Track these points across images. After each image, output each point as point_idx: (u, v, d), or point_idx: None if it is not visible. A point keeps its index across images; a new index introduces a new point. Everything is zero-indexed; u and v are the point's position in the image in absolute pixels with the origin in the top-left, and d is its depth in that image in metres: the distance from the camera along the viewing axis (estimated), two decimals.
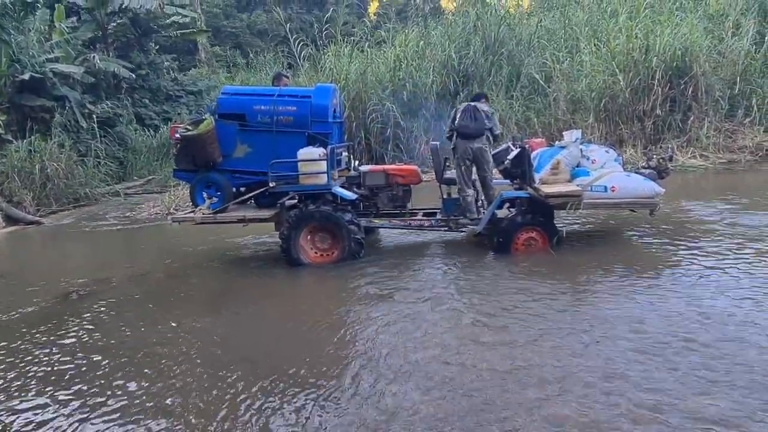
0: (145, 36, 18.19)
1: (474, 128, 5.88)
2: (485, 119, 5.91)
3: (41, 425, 3.13)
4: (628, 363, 3.20)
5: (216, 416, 3.07)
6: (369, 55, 14.11)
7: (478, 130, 5.89)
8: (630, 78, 10.94)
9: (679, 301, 4.07)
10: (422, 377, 3.27)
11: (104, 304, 5.24)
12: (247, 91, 6.92)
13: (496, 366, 3.31)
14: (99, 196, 13.02)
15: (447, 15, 21.03)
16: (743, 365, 3.08)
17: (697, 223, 6.30)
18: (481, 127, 5.92)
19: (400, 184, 6.45)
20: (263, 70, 21.13)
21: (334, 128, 6.19)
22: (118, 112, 16.11)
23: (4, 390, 3.57)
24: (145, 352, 4.02)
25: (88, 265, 7.16)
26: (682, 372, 3.06)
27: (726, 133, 10.82)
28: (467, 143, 5.90)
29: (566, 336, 3.65)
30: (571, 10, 15.22)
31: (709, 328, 3.59)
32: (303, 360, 3.65)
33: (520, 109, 12.20)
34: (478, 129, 5.90)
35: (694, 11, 13.29)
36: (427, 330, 3.97)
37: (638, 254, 5.60)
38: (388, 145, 12.64)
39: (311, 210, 5.74)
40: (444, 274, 5.40)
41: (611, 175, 5.60)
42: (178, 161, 6.21)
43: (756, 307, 3.84)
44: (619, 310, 4.03)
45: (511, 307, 4.26)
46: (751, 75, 11.23)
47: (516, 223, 5.64)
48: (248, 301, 5.16)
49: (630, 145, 10.79)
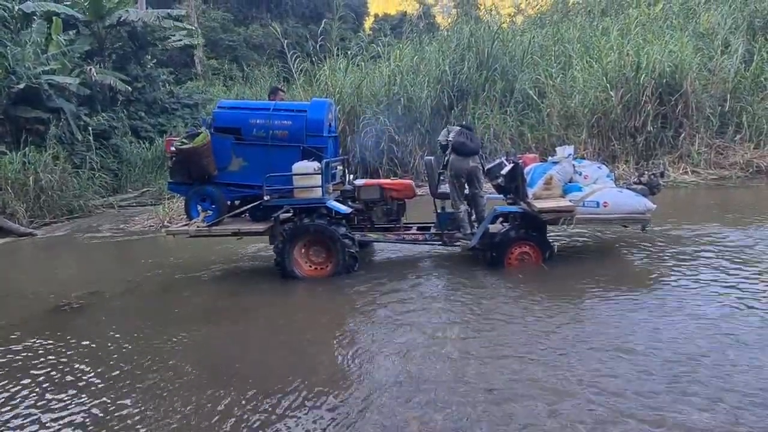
0: (142, 49, 18.27)
1: (471, 147, 5.93)
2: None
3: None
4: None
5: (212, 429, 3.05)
6: (364, 70, 14.24)
7: (474, 148, 5.95)
8: (622, 94, 11.09)
9: (661, 315, 4.12)
10: (415, 389, 3.27)
11: (97, 318, 5.22)
12: (243, 105, 6.98)
13: (493, 376, 3.33)
14: (93, 208, 12.98)
15: (441, 31, 21.31)
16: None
17: (687, 239, 6.36)
18: (478, 146, 6.01)
19: (395, 198, 6.49)
20: (259, 83, 21.30)
21: (329, 142, 6.23)
22: (114, 125, 16.12)
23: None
24: (138, 366, 4.00)
25: (81, 278, 7.12)
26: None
27: (717, 149, 10.97)
28: (462, 161, 5.91)
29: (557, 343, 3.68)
30: (563, 28, 15.46)
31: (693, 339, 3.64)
32: (297, 373, 3.65)
33: (514, 124, 12.30)
34: (474, 148, 5.96)
35: (684, 29, 13.54)
36: (421, 342, 3.98)
37: (628, 269, 5.65)
38: (383, 159, 12.71)
39: (306, 223, 5.76)
40: (438, 287, 5.43)
41: (603, 190, 5.67)
42: (173, 174, 6.23)
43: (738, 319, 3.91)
44: (607, 322, 4.07)
45: (505, 320, 4.28)
46: (741, 93, 11.41)
47: (509, 237, 5.68)
48: (242, 314, 5.15)
49: (623, 160, 10.91)
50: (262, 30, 33.23)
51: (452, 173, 5.98)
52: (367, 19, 41.48)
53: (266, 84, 20.58)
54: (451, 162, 5.96)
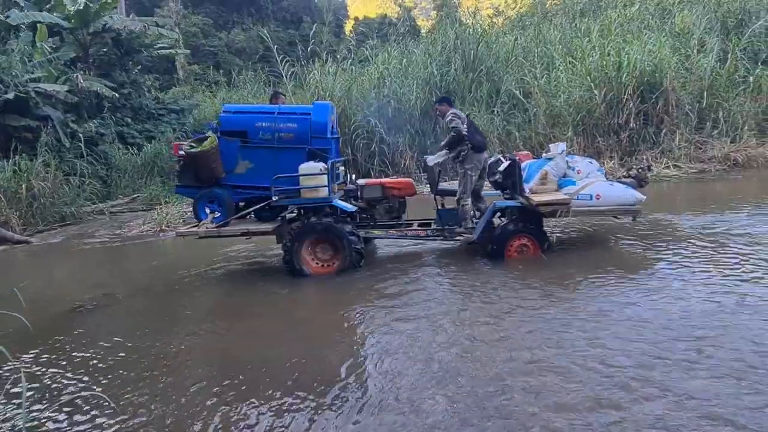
0: (128, 55, 18.25)
1: (484, 142, 6.31)
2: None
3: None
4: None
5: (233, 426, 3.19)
6: (353, 73, 14.48)
7: (485, 142, 6.29)
8: (605, 93, 11.50)
9: (654, 298, 4.44)
10: (425, 382, 3.44)
11: (113, 317, 5.35)
12: (249, 109, 7.15)
13: (504, 362, 3.58)
14: (84, 215, 12.97)
15: (424, 33, 21.65)
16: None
17: (673, 228, 6.71)
18: (486, 139, 6.36)
19: (396, 196, 6.72)
20: (244, 87, 21.37)
21: (332, 143, 6.44)
22: (101, 131, 16.08)
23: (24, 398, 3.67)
24: (156, 360, 4.17)
25: (89, 281, 7.20)
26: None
27: (696, 144, 11.45)
28: (480, 155, 6.29)
29: (563, 327, 3.95)
30: (545, 29, 15.90)
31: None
32: (308, 367, 3.79)
33: (501, 123, 12.66)
34: (485, 141, 6.30)
35: (660, 29, 14.06)
36: (427, 335, 4.17)
37: (621, 257, 5.95)
38: (374, 160, 12.96)
39: (313, 222, 5.95)
40: (441, 280, 5.65)
41: (596, 184, 5.98)
42: (181, 177, 6.37)
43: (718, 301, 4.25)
44: (605, 305, 4.38)
45: (509, 309, 4.54)
46: (717, 90, 11.92)
47: (508, 231, 5.96)
48: (252, 311, 5.29)
49: (607, 156, 11.32)
50: (243, 34, 33.29)
51: (471, 166, 6.27)
52: (347, 22, 41.77)
53: (252, 89, 20.68)
54: (467, 156, 6.26)
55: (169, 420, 3.26)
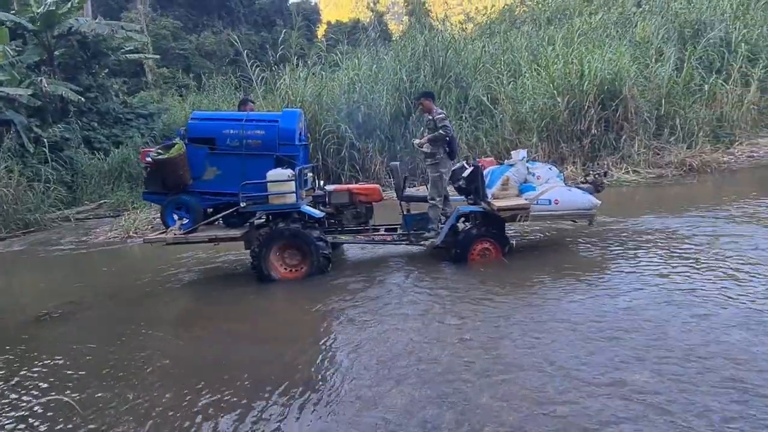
0: (94, 58, 17.96)
1: (457, 150, 6.54)
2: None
3: None
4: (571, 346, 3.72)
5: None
6: (323, 79, 14.58)
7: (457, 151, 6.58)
8: (567, 100, 11.85)
9: (608, 297, 4.68)
10: (395, 379, 3.63)
11: (78, 325, 5.34)
12: (217, 116, 7.21)
13: (468, 359, 3.74)
14: (49, 222, 12.74)
15: (396, 38, 21.87)
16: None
17: (630, 231, 7.00)
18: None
19: (363, 202, 6.86)
20: (215, 91, 21.24)
21: (300, 150, 6.53)
22: (66, 136, 15.80)
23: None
24: (122, 368, 4.20)
25: (54, 289, 7.13)
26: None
27: (654, 150, 11.88)
28: (451, 162, 6.59)
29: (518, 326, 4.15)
30: (512, 36, 16.28)
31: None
32: (279, 370, 3.89)
33: (470, 129, 12.92)
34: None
35: (621, 38, 14.56)
36: (394, 335, 4.33)
37: (577, 259, 6.20)
38: (344, 165, 13.07)
39: (281, 228, 6.04)
40: (406, 283, 5.79)
41: (554, 189, 6.22)
42: (148, 184, 6.39)
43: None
44: (562, 305, 4.59)
45: (470, 310, 4.71)
46: (674, 98, 12.40)
47: (472, 235, 6.15)
48: (222, 317, 5.34)
49: (570, 162, 11.66)
50: (214, 37, 33.01)
51: (445, 170, 6.54)
52: (320, 26, 41.78)
53: (223, 93, 20.58)
54: (444, 162, 6.53)
55: (138, 426, 3.32)
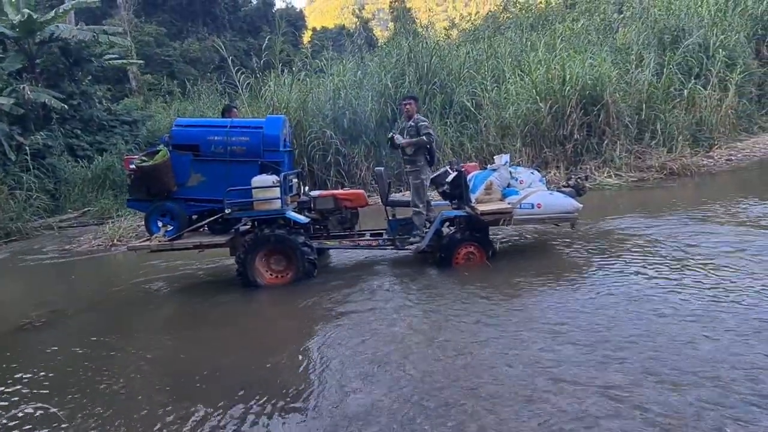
0: (77, 65, 17.82)
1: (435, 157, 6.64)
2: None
3: None
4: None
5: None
6: (308, 85, 14.62)
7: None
8: (550, 105, 12.01)
9: (589, 297, 4.77)
10: (381, 383, 3.66)
11: (61, 334, 5.30)
12: (201, 122, 7.22)
13: (449, 362, 3.79)
14: (31, 231, 12.61)
15: (381, 45, 22.02)
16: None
17: (612, 234, 7.12)
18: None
19: (348, 207, 6.90)
20: (200, 98, 21.14)
21: (285, 156, 6.56)
22: (49, 144, 15.64)
23: None
24: (105, 376, 4.18)
25: (37, 298, 7.06)
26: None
27: (636, 154, 12.07)
28: (430, 169, 6.67)
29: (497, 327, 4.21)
30: (496, 42, 16.47)
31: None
32: (262, 377, 3.89)
33: (454, 134, 13.03)
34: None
35: (603, 44, 14.80)
36: (379, 339, 4.36)
37: (560, 261, 6.29)
38: (330, 171, 13.11)
39: (266, 234, 6.05)
40: (392, 287, 5.83)
41: (536, 193, 6.31)
42: (132, 191, 6.37)
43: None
44: (545, 306, 4.66)
45: (454, 313, 4.77)
46: (654, 102, 12.61)
47: (456, 239, 6.22)
48: (206, 324, 5.34)
49: (554, 166, 11.81)
50: (198, 44, 32.89)
51: (425, 177, 6.62)
52: (305, 32, 41.86)
53: (208, 99, 20.50)
54: (424, 169, 6.60)
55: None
